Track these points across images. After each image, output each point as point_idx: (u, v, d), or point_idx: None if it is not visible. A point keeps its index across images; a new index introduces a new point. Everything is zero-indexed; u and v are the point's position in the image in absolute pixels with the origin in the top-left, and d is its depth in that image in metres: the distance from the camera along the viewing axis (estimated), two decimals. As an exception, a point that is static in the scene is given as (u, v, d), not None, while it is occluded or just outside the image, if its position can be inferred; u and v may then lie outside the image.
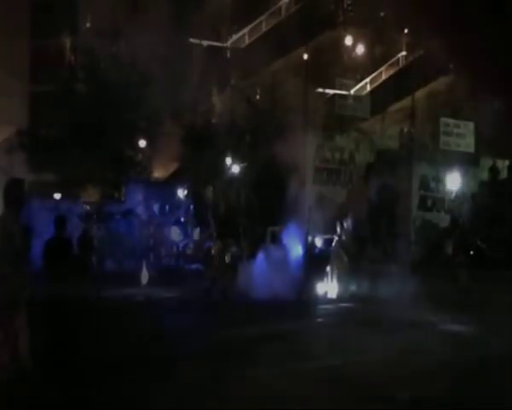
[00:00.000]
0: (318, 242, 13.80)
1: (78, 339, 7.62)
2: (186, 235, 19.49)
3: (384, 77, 34.12)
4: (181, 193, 19.43)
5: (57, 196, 28.06)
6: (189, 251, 19.31)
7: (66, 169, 24.21)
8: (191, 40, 22.12)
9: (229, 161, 19.07)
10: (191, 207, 19.38)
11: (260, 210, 16.77)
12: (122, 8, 15.98)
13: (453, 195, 15.96)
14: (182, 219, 19.52)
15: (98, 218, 21.27)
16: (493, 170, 20.01)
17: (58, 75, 27.48)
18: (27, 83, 40.13)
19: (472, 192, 16.49)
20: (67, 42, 33.44)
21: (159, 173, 30.78)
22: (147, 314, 10.63)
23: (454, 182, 17.15)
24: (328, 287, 13.16)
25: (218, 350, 8.01)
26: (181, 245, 19.46)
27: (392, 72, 33.75)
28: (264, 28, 27.24)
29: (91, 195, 26.12)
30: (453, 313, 11.07)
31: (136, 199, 22.66)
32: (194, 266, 18.50)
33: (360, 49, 22.55)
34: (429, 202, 18.79)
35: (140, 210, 22.07)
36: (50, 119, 25.88)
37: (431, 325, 9.93)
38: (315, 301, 12.68)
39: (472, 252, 15.59)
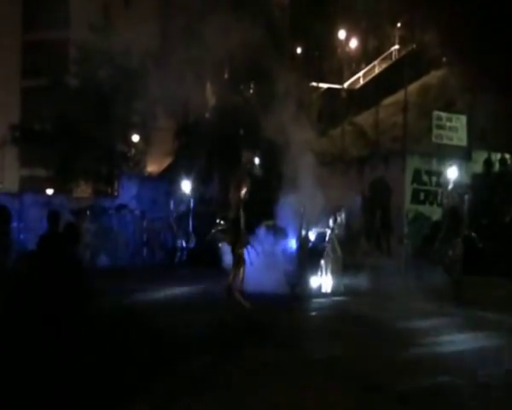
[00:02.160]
0: (312, 235, 13.79)
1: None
2: (185, 230, 19.48)
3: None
4: (177, 188, 19.36)
5: (50, 191, 27.99)
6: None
7: (58, 164, 24.16)
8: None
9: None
10: (191, 201, 19.34)
11: (257, 204, 16.74)
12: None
13: (446, 188, 15.97)
14: (181, 214, 19.46)
15: (91, 213, 21.19)
16: (488, 163, 20.07)
17: (50, 70, 27.36)
18: (19, 77, 39.94)
19: (465, 184, 16.50)
20: (59, 36, 33.20)
21: (152, 168, 30.78)
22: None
23: (447, 175, 17.21)
24: (322, 281, 13.19)
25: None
26: (182, 241, 19.44)
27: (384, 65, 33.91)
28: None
29: (84, 190, 26.07)
30: (443, 304, 11.16)
31: (130, 194, 22.58)
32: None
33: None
34: (422, 196, 18.85)
35: (133, 205, 22.01)
36: (43, 113, 25.78)
37: (423, 315, 9.99)
38: (309, 294, 12.70)
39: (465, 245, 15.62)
